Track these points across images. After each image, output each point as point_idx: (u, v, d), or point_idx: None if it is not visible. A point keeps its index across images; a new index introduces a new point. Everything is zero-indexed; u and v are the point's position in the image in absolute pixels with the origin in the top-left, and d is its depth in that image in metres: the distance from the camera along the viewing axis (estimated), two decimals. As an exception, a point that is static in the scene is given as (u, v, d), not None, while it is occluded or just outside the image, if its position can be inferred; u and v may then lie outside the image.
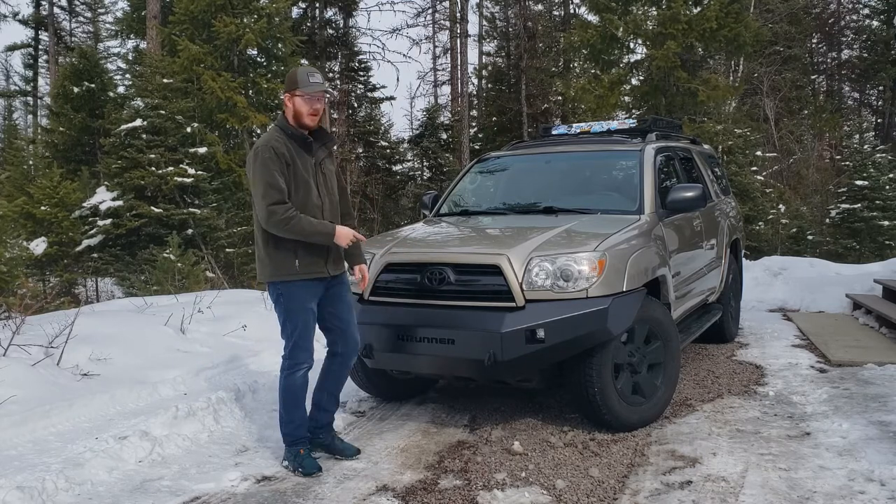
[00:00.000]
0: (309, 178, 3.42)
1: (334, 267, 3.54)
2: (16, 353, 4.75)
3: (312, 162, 3.46)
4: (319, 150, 3.50)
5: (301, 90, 3.38)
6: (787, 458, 3.52)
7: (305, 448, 3.59)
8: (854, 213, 16.25)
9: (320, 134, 3.53)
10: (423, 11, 21.13)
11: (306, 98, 3.39)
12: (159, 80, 12.81)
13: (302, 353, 3.53)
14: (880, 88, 25.90)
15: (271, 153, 3.34)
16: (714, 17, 12.85)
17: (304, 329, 3.50)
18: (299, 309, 3.47)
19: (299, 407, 3.60)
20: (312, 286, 3.48)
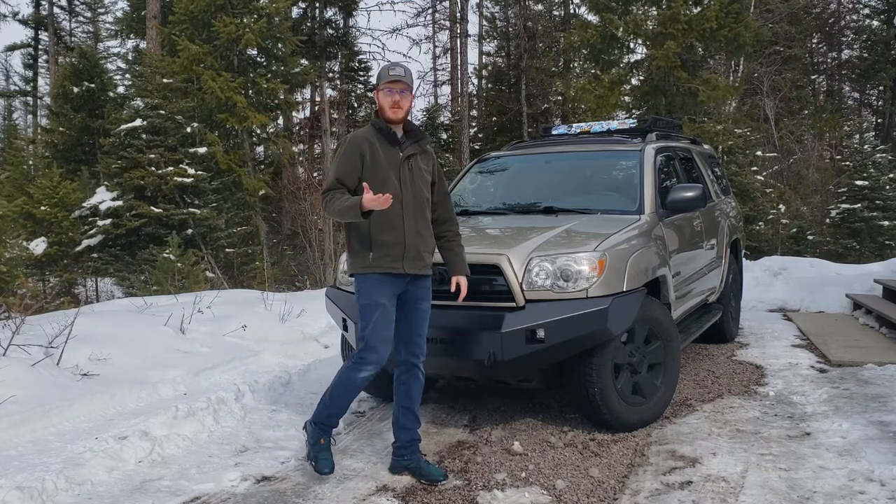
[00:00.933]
0: (389, 172, 3.33)
1: (412, 265, 3.34)
2: (15, 353, 4.75)
3: (400, 157, 3.37)
4: (410, 147, 3.41)
5: (382, 84, 3.37)
6: (788, 459, 3.52)
7: (327, 438, 3.49)
8: (854, 213, 16.25)
9: (414, 132, 3.47)
10: (422, 11, 21.12)
11: (385, 91, 3.36)
12: (159, 80, 12.82)
13: (370, 353, 3.32)
14: (880, 88, 25.89)
15: (349, 144, 3.39)
16: (714, 16, 12.85)
17: (375, 327, 3.31)
18: (372, 305, 3.32)
19: (346, 400, 3.47)
20: (388, 282, 3.33)
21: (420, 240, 3.36)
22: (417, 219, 3.37)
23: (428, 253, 3.42)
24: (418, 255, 3.36)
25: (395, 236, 3.31)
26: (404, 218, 3.33)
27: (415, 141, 3.45)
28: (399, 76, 3.35)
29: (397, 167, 3.36)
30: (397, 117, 3.37)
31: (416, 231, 3.35)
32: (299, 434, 4.11)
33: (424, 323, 3.46)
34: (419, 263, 3.37)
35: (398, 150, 3.39)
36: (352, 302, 4.24)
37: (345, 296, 4.32)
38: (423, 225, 3.41)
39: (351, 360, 3.41)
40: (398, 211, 3.30)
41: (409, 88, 3.39)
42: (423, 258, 3.39)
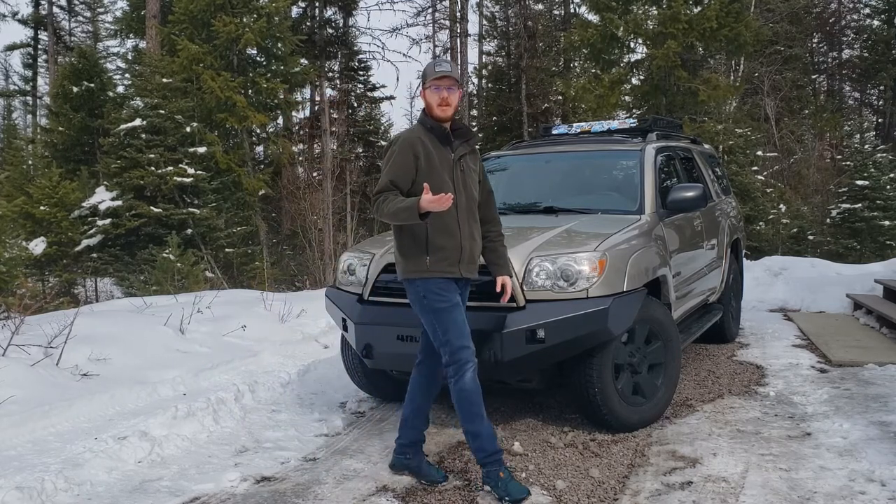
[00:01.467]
0: (443, 173, 3.23)
1: (468, 269, 3.28)
2: (15, 354, 4.75)
3: (452, 157, 3.28)
4: (460, 146, 3.31)
5: (428, 81, 3.25)
6: (788, 459, 3.51)
7: (505, 470, 3.19)
8: (855, 213, 16.24)
9: (463, 130, 3.36)
10: (422, 11, 21.10)
11: (432, 89, 3.23)
12: (159, 79, 12.82)
13: (462, 351, 3.18)
14: (881, 88, 25.89)
15: (402, 144, 3.26)
16: (714, 16, 12.85)
17: (455, 326, 3.20)
18: (446, 306, 3.21)
19: (481, 416, 3.22)
20: (448, 283, 3.26)
21: (473, 243, 3.30)
22: (471, 221, 3.30)
23: (479, 255, 3.37)
24: (472, 258, 3.30)
25: (452, 241, 3.22)
26: (459, 221, 3.23)
27: (464, 140, 3.34)
28: (446, 71, 3.22)
29: (451, 168, 3.26)
30: (446, 115, 3.25)
31: (471, 234, 3.28)
32: (299, 434, 4.11)
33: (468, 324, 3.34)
34: (472, 267, 3.31)
35: (450, 150, 3.28)
36: (346, 302, 4.25)
37: (344, 296, 4.32)
38: (475, 227, 3.33)
39: (450, 374, 3.21)
40: (453, 214, 3.20)
41: (458, 83, 3.26)
42: (476, 261, 3.33)
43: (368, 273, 4.19)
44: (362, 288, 4.19)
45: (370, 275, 4.16)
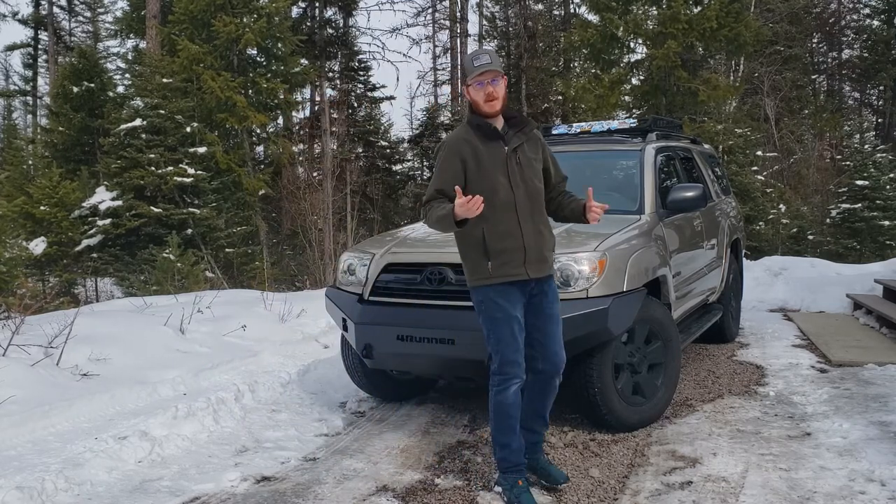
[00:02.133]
0: (496, 172, 3.04)
1: (535, 269, 3.07)
2: (15, 353, 4.75)
3: (505, 151, 3.06)
4: (515, 137, 3.08)
5: (469, 78, 3.04)
6: (788, 459, 3.51)
7: (524, 479, 3.14)
8: (855, 213, 16.23)
9: (517, 119, 3.13)
10: (422, 11, 21.12)
11: (476, 86, 3.03)
12: (159, 79, 12.81)
13: (510, 366, 3.06)
14: (881, 88, 25.88)
15: (448, 149, 3.13)
16: (714, 16, 12.85)
17: (509, 339, 3.05)
18: (502, 317, 3.05)
19: (514, 429, 3.13)
20: (512, 291, 3.07)
21: (540, 239, 3.09)
22: (535, 216, 3.08)
23: (550, 251, 3.14)
24: (540, 256, 3.09)
25: (514, 242, 3.03)
26: (520, 220, 3.04)
27: (518, 129, 3.10)
28: (486, 64, 3.01)
29: (504, 164, 3.05)
30: (494, 111, 3.05)
31: (536, 230, 3.07)
32: (299, 434, 4.12)
33: (557, 328, 3.16)
34: (542, 265, 3.10)
35: (502, 144, 3.07)
36: (346, 302, 4.25)
37: (344, 296, 4.32)
38: (542, 221, 3.11)
39: (493, 383, 3.11)
40: (512, 214, 3.03)
41: (500, 73, 3.04)
42: (546, 258, 3.11)
43: (368, 273, 4.19)
44: (362, 288, 4.20)
45: (370, 275, 4.17)
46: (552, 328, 3.14)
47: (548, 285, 3.14)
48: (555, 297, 3.17)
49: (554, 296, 3.17)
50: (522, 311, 3.10)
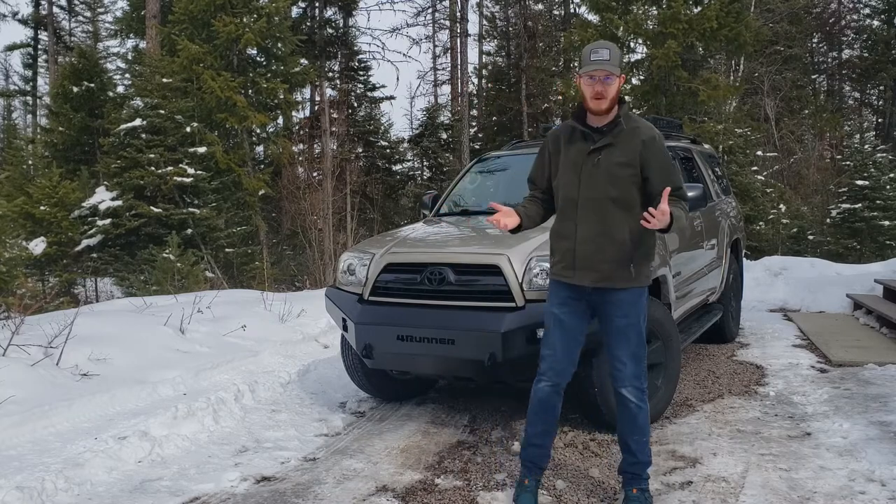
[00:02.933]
0: (571, 170, 2.97)
1: (583, 276, 2.93)
2: (15, 353, 4.74)
3: (586, 150, 2.95)
4: (606, 138, 2.93)
5: (581, 71, 2.91)
6: (788, 459, 3.51)
7: (531, 479, 3.07)
8: (855, 213, 16.23)
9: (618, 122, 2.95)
10: (422, 11, 21.11)
11: (586, 80, 2.89)
12: (159, 79, 12.81)
13: (542, 362, 3.04)
14: (881, 88, 25.90)
15: (546, 139, 3.17)
16: (714, 16, 12.84)
17: (547, 334, 3.04)
18: (548, 312, 3.06)
19: (533, 424, 3.08)
20: (564, 290, 3.01)
21: (595, 247, 2.91)
22: (596, 223, 2.91)
23: (609, 262, 2.90)
24: (591, 264, 2.91)
25: (567, 244, 2.97)
26: (577, 223, 2.94)
27: (617, 131, 2.94)
28: (602, 61, 2.85)
29: (580, 164, 2.95)
30: (600, 108, 2.90)
31: (593, 237, 2.91)
32: (299, 434, 4.12)
33: (621, 343, 2.98)
34: (593, 275, 2.91)
35: (586, 143, 2.96)
36: (346, 302, 4.26)
37: (345, 296, 4.32)
38: (608, 229, 2.90)
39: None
40: (572, 215, 2.95)
41: (615, 73, 2.86)
42: (601, 269, 2.90)
43: (368, 273, 4.19)
44: (362, 288, 4.20)
45: (370, 275, 4.17)
46: (615, 343, 3.00)
47: (613, 297, 2.95)
48: (621, 310, 2.96)
49: (620, 309, 2.96)
50: (577, 316, 3.01)
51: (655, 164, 2.91)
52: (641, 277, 2.97)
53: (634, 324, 2.98)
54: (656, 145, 2.93)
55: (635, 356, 3.00)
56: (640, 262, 2.96)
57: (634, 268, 2.92)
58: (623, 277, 2.92)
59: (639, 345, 3.00)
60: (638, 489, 3.03)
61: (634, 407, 3.01)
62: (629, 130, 2.94)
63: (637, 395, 3.01)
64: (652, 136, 2.94)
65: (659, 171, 2.91)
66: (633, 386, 3.01)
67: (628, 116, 2.99)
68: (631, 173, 2.91)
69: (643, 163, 2.91)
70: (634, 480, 3.06)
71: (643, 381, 3.04)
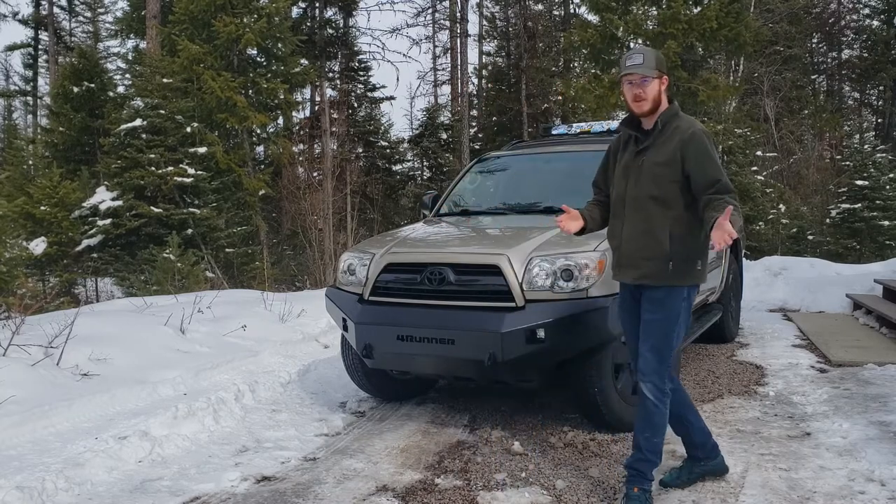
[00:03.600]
0: (621, 171, 3.10)
1: (625, 273, 3.08)
2: (15, 353, 4.75)
3: (635, 152, 3.07)
4: (649, 139, 3.03)
5: (620, 76, 3.03)
6: (788, 459, 3.51)
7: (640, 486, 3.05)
8: (854, 213, 16.24)
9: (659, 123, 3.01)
10: (422, 11, 21.12)
11: (626, 85, 3.02)
12: (159, 79, 12.82)
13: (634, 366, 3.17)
14: (880, 88, 25.90)
15: (609, 147, 3.30)
16: (714, 16, 12.85)
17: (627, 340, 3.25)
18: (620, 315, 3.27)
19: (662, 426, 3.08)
20: (622, 290, 3.21)
21: (637, 245, 3.00)
22: (640, 221, 3.00)
23: (649, 260, 2.97)
24: (632, 262, 3.03)
25: (615, 243, 3.13)
26: (624, 222, 3.05)
27: (660, 132, 3.02)
28: (636, 66, 2.97)
29: (630, 166, 3.08)
30: (641, 111, 3.01)
31: (635, 235, 3.01)
32: (299, 434, 4.12)
33: (644, 337, 3.03)
34: (633, 272, 3.03)
35: (634, 145, 3.10)
36: (346, 302, 4.27)
37: (345, 296, 4.32)
38: (647, 227, 2.98)
39: None
40: (620, 214, 3.08)
41: (651, 75, 2.96)
42: (641, 266, 3.00)
43: (368, 273, 4.20)
44: (362, 288, 4.20)
45: (370, 275, 4.17)
46: (644, 334, 3.04)
47: (649, 294, 3.02)
48: (651, 307, 3.01)
49: (650, 305, 3.02)
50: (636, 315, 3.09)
51: (692, 159, 2.92)
52: (682, 275, 2.98)
53: (660, 320, 2.99)
54: (694, 141, 2.94)
55: (656, 351, 2.99)
56: (681, 261, 2.96)
57: (673, 265, 2.94)
58: (661, 275, 2.96)
59: (663, 342, 2.99)
60: (640, 488, 3.03)
61: (651, 405, 3.01)
62: (670, 130, 3.01)
63: (655, 394, 3.01)
64: (691, 133, 2.96)
65: (695, 165, 2.92)
66: (651, 382, 3.01)
67: (672, 116, 3.03)
68: (670, 172, 2.95)
69: (683, 160, 2.93)
70: (637, 478, 3.05)
71: (664, 380, 3.01)
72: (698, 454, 3.27)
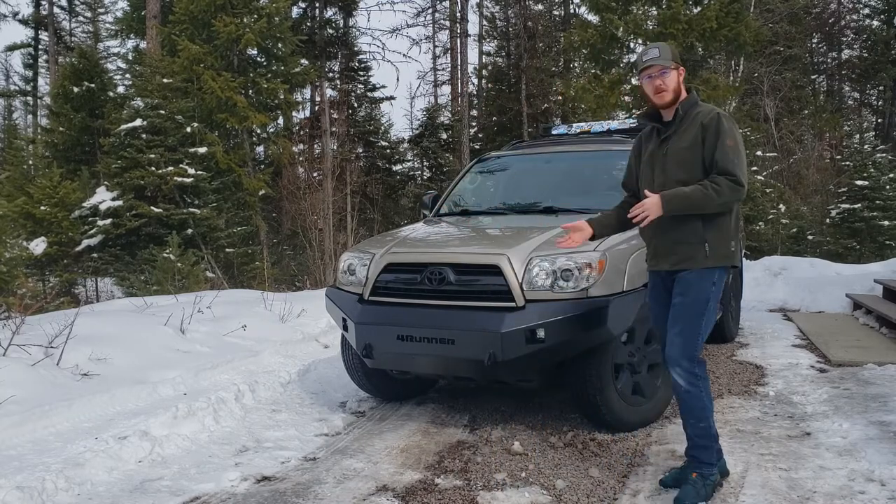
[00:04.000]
0: (647, 162, 3.15)
1: (658, 261, 3.14)
2: (16, 353, 4.75)
3: (658, 142, 3.12)
4: (671, 126, 3.08)
5: (639, 74, 3.10)
6: (788, 458, 3.51)
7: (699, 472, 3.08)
8: (854, 213, 16.24)
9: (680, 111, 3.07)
10: (423, 11, 21.14)
11: (644, 79, 3.08)
12: (159, 80, 12.82)
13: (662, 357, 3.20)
14: (880, 88, 25.90)
15: (632, 148, 3.35)
16: (714, 16, 12.85)
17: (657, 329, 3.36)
18: (650, 305, 3.31)
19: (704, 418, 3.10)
20: (654, 279, 3.24)
21: (670, 232, 3.04)
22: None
23: (683, 245, 3.01)
24: (664, 249, 3.09)
25: (647, 232, 3.16)
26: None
27: (679, 118, 3.07)
28: (653, 59, 3.04)
29: (654, 156, 3.12)
30: (664, 102, 3.07)
31: (668, 222, 3.02)
32: (299, 434, 4.12)
33: (672, 321, 3.06)
34: (670, 258, 3.07)
35: (657, 135, 3.14)
36: (346, 302, 4.28)
37: (345, 296, 4.32)
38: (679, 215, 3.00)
39: None
40: None
41: (669, 66, 3.03)
42: (677, 251, 3.04)
43: (369, 273, 4.20)
44: (362, 288, 4.20)
45: (370, 275, 4.17)
46: (673, 318, 3.08)
47: (681, 277, 3.05)
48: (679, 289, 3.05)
49: (679, 288, 3.06)
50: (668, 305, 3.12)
51: (710, 143, 2.97)
52: (718, 256, 3.01)
53: (689, 303, 3.01)
54: (714, 125, 2.98)
55: (684, 335, 3.02)
56: (715, 242, 3.00)
57: (709, 247, 2.99)
58: (698, 258, 3.00)
59: (692, 326, 3.01)
60: (698, 473, 3.06)
61: (682, 391, 3.05)
62: (693, 116, 3.06)
63: (684, 377, 3.03)
64: (712, 118, 3.00)
65: (710, 146, 2.97)
66: (679, 367, 3.04)
67: (691, 104, 3.09)
68: (695, 156, 3.00)
69: (704, 140, 2.99)
70: (694, 464, 3.10)
71: (693, 363, 3.03)
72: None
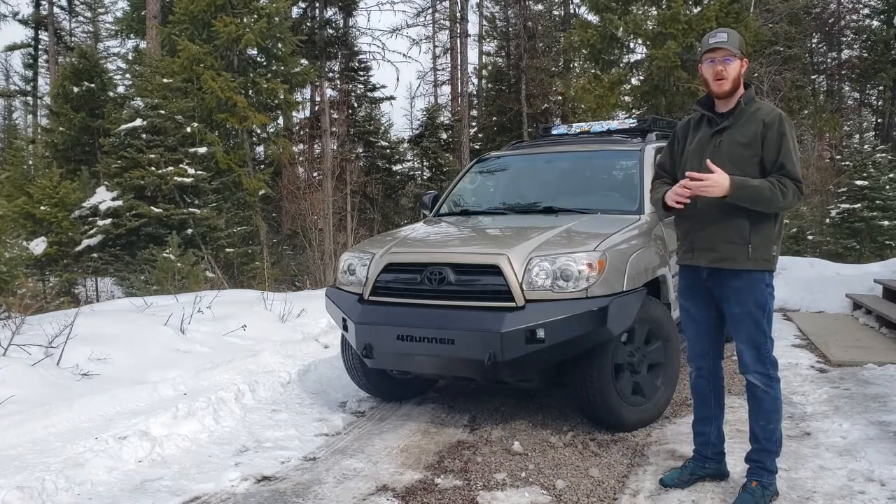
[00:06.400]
0: (695, 154, 3.04)
1: (701, 256, 3.01)
2: (16, 353, 4.75)
3: (710, 133, 3.02)
4: (727, 119, 2.98)
5: (702, 56, 2.99)
6: (787, 458, 3.51)
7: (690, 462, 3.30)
8: (854, 213, 16.23)
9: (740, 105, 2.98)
10: (422, 11, 21.13)
11: (707, 63, 2.97)
12: (159, 79, 12.82)
13: (688, 352, 3.18)
14: (880, 88, 25.87)
15: (675, 129, 3.27)
16: (714, 16, 12.86)
17: (684, 325, 3.19)
18: (680, 301, 3.22)
19: (695, 411, 3.29)
20: (689, 275, 3.13)
21: (713, 227, 2.96)
22: (716, 202, 2.90)
23: (726, 242, 2.94)
24: (710, 245, 2.97)
25: (689, 226, 3.06)
26: (698, 203, 2.95)
27: (738, 112, 2.98)
28: (721, 42, 2.93)
29: (704, 147, 3.02)
30: (721, 90, 2.96)
31: (714, 217, 2.95)
32: (299, 434, 4.12)
33: (738, 331, 3.00)
34: (710, 255, 2.98)
35: (709, 126, 3.04)
36: (346, 302, 4.28)
37: (345, 296, 4.32)
38: (726, 210, 2.91)
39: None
40: (696, 198, 2.95)
41: (735, 54, 2.93)
42: (719, 248, 2.95)
43: (369, 273, 4.20)
44: (362, 288, 4.21)
45: (370, 275, 4.18)
46: (733, 329, 3.03)
47: (727, 280, 2.98)
48: (736, 296, 2.97)
49: (735, 297, 2.98)
50: (701, 301, 3.10)
51: (769, 143, 2.91)
52: (759, 260, 2.94)
53: (750, 311, 2.96)
54: (777, 125, 2.92)
55: (753, 341, 2.99)
56: (759, 245, 2.94)
57: (752, 249, 2.93)
58: (739, 258, 2.94)
59: (758, 332, 2.98)
60: (758, 482, 3.03)
61: (760, 392, 3.05)
62: (751, 112, 2.98)
63: (761, 380, 3.03)
64: (774, 117, 2.94)
65: (772, 147, 2.90)
66: (756, 372, 3.03)
67: (751, 99, 3.01)
68: (751, 154, 2.93)
69: (765, 143, 2.92)
70: (756, 471, 3.07)
71: (768, 365, 3.02)
72: (707, 453, 3.28)
